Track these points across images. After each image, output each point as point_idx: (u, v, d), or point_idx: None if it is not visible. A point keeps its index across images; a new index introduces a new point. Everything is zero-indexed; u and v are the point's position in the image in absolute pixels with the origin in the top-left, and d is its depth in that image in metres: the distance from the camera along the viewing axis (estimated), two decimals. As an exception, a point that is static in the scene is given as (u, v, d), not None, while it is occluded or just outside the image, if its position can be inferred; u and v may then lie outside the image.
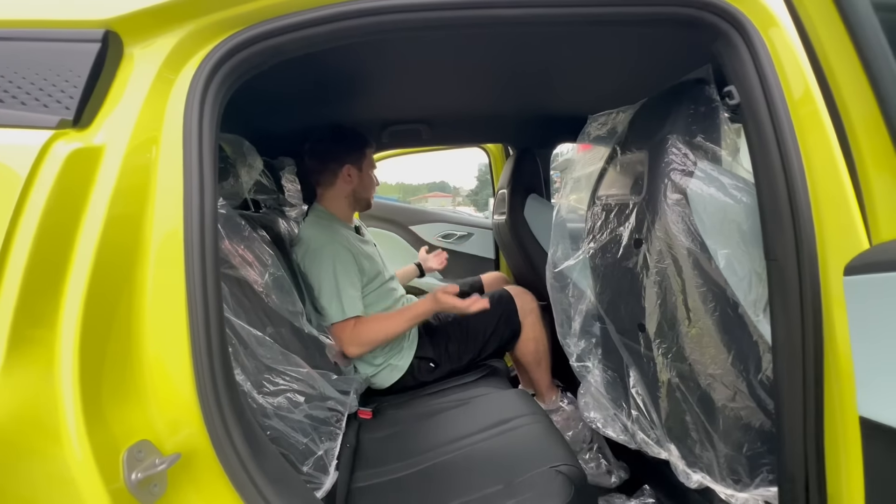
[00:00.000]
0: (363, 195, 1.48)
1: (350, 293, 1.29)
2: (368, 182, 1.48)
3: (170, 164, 0.58)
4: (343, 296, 1.28)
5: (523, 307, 1.50)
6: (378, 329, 1.30)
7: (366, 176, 1.47)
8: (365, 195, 1.49)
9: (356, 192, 1.46)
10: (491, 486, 0.87)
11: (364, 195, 1.48)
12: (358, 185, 1.45)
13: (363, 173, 1.45)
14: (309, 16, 0.62)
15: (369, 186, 1.49)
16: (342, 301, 1.27)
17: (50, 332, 0.48)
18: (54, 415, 0.47)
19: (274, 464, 0.64)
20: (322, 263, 1.30)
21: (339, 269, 1.30)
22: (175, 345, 0.56)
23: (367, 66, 1.09)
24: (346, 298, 1.28)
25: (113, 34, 0.56)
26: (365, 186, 1.47)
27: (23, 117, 0.51)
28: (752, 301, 0.78)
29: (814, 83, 0.63)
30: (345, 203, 1.47)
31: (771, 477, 0.82)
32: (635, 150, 1.00)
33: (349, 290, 1.29)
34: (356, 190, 1.46)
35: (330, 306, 1.28)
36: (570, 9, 0.67)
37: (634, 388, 1.02)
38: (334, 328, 1.28)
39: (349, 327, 1.28)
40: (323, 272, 1.29)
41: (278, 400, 0.84)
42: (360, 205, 1.50)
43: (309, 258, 1.32)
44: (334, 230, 1.38)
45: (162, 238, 0.56)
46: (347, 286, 1.29)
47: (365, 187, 1.47)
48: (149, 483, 0.51)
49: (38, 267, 0.48)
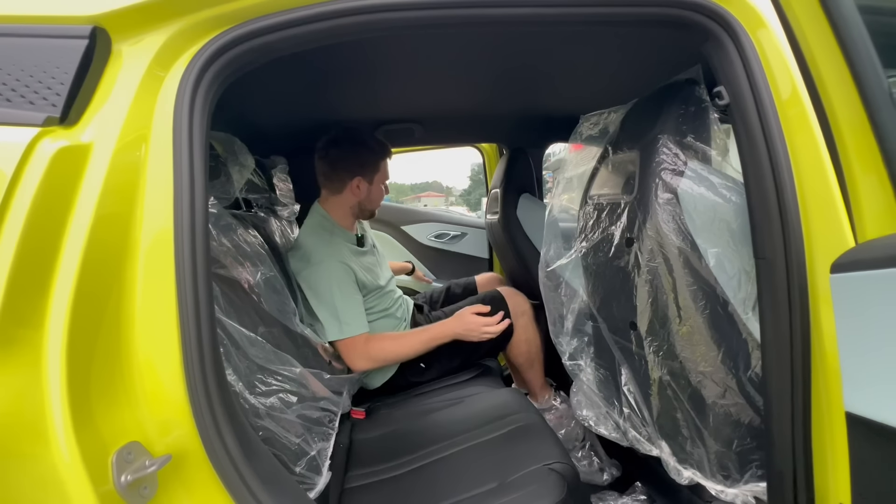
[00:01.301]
0: (369, 207, 1.44)
1: (349, 311, 1.26)
2: (377, 195, 1.43)
3: (159, 163, 0.57)
4: (342, 316, 1.24)
5: (515, 308, 1.49)
6: (391, 348, 1.29)
7: (375, 189, 1.42)
8: (370, 207, 1.44)
9: (362, 204, 1.41)
10: (484, 484, 0.87)
11: (370, 207, 1.44)
12: (365, 198, 1.40)
13: (373, 186, 1.41)
14: (300, 14, 0.62)
15: (377, 199, 1.44)
16: (340, 320, 1.24)
17: (37, 333, 0.48)
18: (42, 416, 0.46)
19: (266, 464, 0.64)
20: (319, 280, 1.26)
21: (336, 286, 1.26)
22: (165, 345, 0.55)
23: (359, 65, 1.09)
24: (344, 319, 1.25)
25: (101, 30, 0.55)
26: (372, 199, 1.42)
27: (8, 114, 0.50)
28: (742, 299, 0.79)
29: (801, 84, 0.64)
30: (348, 212, 1.41)
31: (760, 472, 0.83)
32: (627, 149, 1.01)
33: (348, 310, 1.26)
34: (362, 203, 1.41)
35: (328, 324, 1.25)
36: (560, 9, 0.67)
37: (626, 386, 1.03)
38: (341, 345, 1.26)
39: (360, 343, 1.25)
40: (321, 289, 1.26)
41: (271, 400, 0.84)
42: (363, 215, 1.47)
43: (307, 272, 1.28)
44: (335, 244, 1.33)
45: (152, 237, 0.56)
46: (346, 307, 1.26)
47: (372, 200, 1.42)
48: (139, 485, 0.50)
49: (24, 267, 0.47)
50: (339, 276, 1.27)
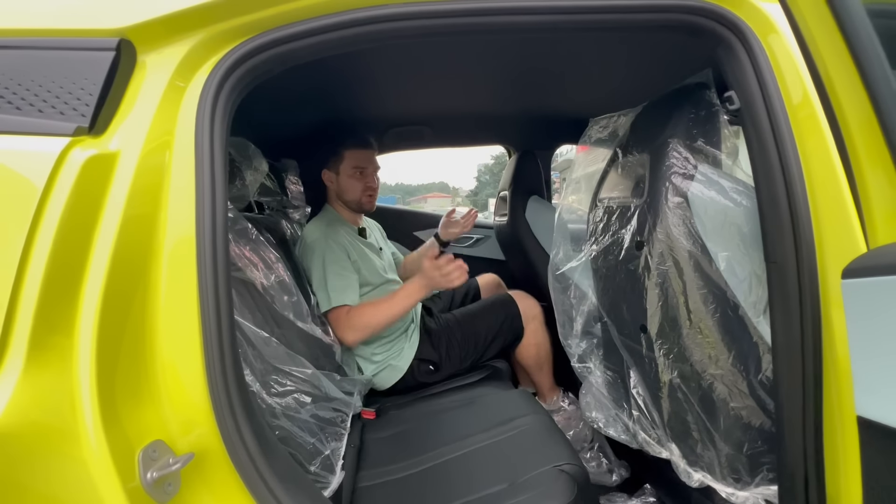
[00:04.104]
0: (348, 198, 1.46)
1: (336, 283, 1.31)
2: (349, 186, 1.44)
3: (182, 169, 0.59)
4: (329, 286, 1.30)
5: (526, 312, 1.50)
6: (371, 313, 1.30)
7: (344, 179, 1.44)
8: (349, 197, 1.46)
9: (340, 195, 1.47)
10: (495, 485, 0.88)
11: (349, 197, 1.46)
12: (339, 188, 1.46)
13: (341, 177, 1.45)
14: (318, 23, 0.63)
15: (351, 190, 1.45)
16: (328, 290, 1.29)
17: (67, 339, 0.49)
18: (73, 417, 0.48)
19: (283, 463, 0.65)
20: (313, 256, 1.33)
21: (328, 260, 1.32)
22: (187, 345, 0.57)
23: (370, 69, 1.10)
24: (332, 288, 1.30)
25: (127, 42, 0.58)
26: (345, 190, 1.45)
27: (40, 125, 0.52)
28: (752, 303, 0.79)
29: (812, 89, 0.64)
30: (342, 205, 1.49)
31: (771, 476, 0.83)
32: (636, 153, 1.01)
33: (335, 281, 1.31)
34: (339, 193, 1.47)
35: (319, 295, 1.31)
36: (573, 16, 0.68)
37: (635, 389, 1.03)
38: (329, 317, 1.31)
39: (342, 314, 1.29)
40: (314, 264, 1.33)
41: (286, 400, 0.85)
42: (352, 207, 1.49)
43: (302, 252, 1.37)
44: (332, 228, 1.40)
45: (175, 241, 0.58)
46: (333, 276, 1.31)
47: (346, 191, 1.45)
48: (163, 482, 0.52)
49: (57, 274, 0.49)
50: (331, 251, 1.34)
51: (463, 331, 1.48)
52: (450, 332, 1.49)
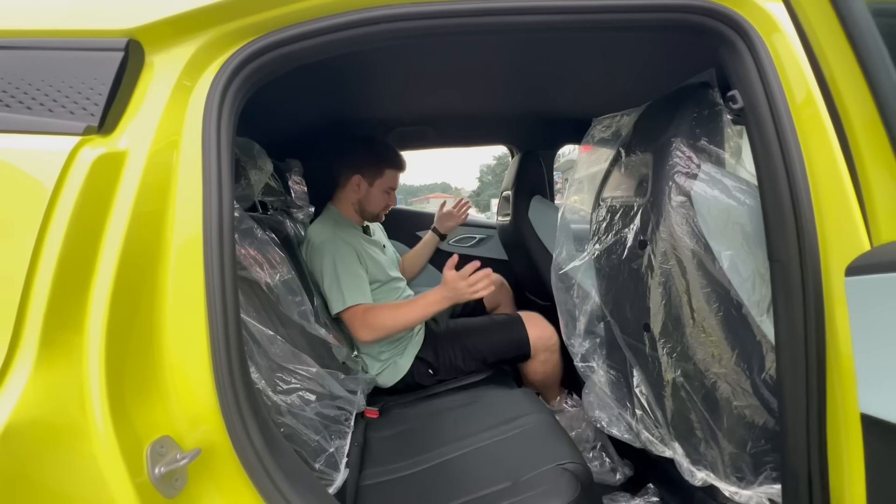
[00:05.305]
0: (368, 209, 1.50)
1: (350, 283, 1.31)
2: (376, 199, 1.49)
3: (189, 168, 0.60)
4: (343, 286, 1.30)
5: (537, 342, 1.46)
6: (389, 315, 1.31)
7: (375, 192, 1.48)
8: (369, 210, 1.50)
9: (361, 203, 1.48)
10: (498, 483, 0.88)
11: (369, 209, 1.50)
12: (364, 197, 1.47)
13: (373, 189, 1.47)
14: (323, 24, 0.64)
15: (375, 203, 1.49)
16: (342, 290, 1.30)
17: (77, 335, 0.50)
18: (82, 413, 0.48)
19: (288, 460, 0.66)
20: (323, 257, 1.34)
21: (339, 259, 1.33)
22: (195, 343, 0.58)
23: (374, 69, 1.11)
24: (346, 288, 1.30)
25: (135, 43, 0.58)
26: (370, 202, 1.48)
27: (51, 124, 0.53)
28: (756, 301, 0.79)
29: (815, 87, 0.64)
30: (352, 208, 1.50)
31: (774, 474, 0.83)
32: (640, 152, 1.01)
33: (349, 280, 1.32)
34: (362, 201, 1.48)
35: (331, 296, 1.31)
36: (576, 16, 0.68)
37: (638, 388, 1.03)
38: (344, 316, 1.31)
39: (359, 313, 1.30)
40: (325, 265, 1.33)
41: (291, 398, 0.86)
42: (365, 216, 1.52)
43: (311, 254, 1.37)
44: (339, 227, 1.41)
45: (182, 240, 0.58)
46: (347, 276, 1.32)
47: (370, 202, 1.49)
48: (171, 477, 0.53)
49: (67, 272, 0.49)
50: (341, 252, 1.34)
51: (465, 343, 1.48)
52: (452, 341, 1.48)
